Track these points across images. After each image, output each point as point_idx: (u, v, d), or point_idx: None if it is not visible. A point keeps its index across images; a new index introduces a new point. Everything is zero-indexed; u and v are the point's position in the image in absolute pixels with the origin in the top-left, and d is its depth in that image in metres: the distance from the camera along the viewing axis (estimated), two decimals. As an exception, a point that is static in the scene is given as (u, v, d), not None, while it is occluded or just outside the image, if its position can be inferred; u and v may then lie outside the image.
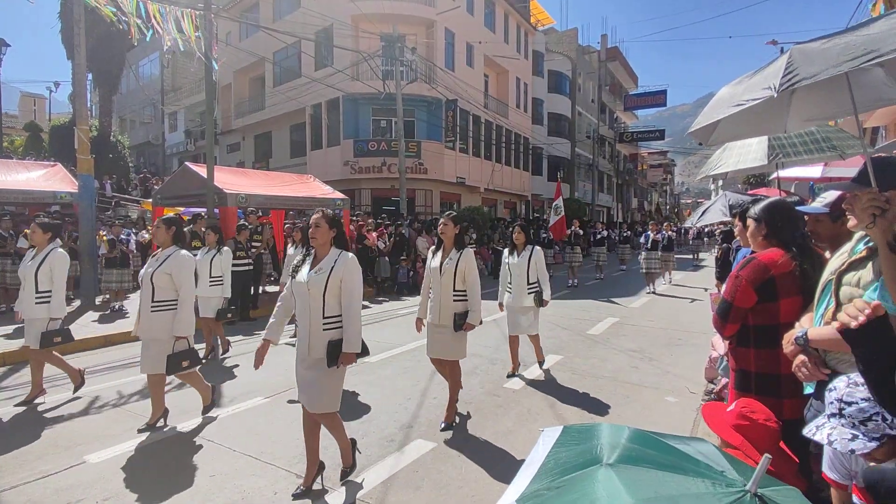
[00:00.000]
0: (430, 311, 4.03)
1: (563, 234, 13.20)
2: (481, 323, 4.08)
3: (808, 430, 1.43)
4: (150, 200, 12.22)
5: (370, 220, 13.69)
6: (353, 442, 3.26)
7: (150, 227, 11.72)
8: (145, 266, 3.96)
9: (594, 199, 34.03)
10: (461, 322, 3.87)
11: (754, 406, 1.77)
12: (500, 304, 5.48)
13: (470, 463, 3.43)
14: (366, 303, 10.64)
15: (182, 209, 12.17)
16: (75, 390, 4.74)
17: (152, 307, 3.82)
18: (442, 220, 4.04)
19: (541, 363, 5.60)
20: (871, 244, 1.69)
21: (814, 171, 6.56)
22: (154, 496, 3.03)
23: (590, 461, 1.06)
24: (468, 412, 4.29)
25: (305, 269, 3.02)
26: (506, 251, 5.47)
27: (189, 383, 4.21)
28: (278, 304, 3.16)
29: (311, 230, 2.98)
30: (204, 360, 5.66)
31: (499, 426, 4.07)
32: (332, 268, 2.92)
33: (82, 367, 4.95)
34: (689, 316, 8.99)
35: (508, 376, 5.31)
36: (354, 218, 13.43)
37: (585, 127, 35.33)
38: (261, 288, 9.57)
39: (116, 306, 9.06)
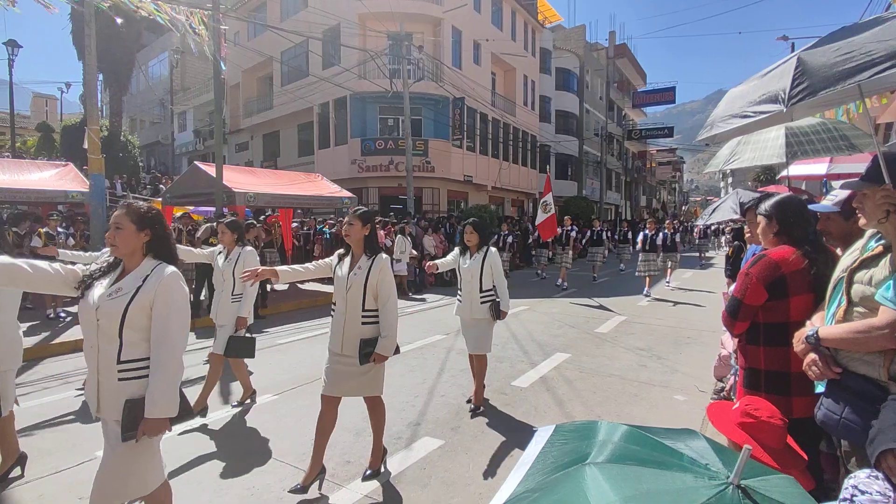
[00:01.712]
0: (331, 335, 3.13)
1: (552, 232, 12.07)
2: (398, 352, 3.26)
3: None
4: (160, 199, 12.34)
5: (380, 219, 13.75)
6: None
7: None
8: None
9: (602, 197, 33.85)
10: (368, 351, 2.95)
11: (758, 403, 1.75)
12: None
13: (477, 461, 3.44)
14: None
15: (191, 208, 12.29)
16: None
17: None
18: (347, 219, 3.11)
19: (475, 408, 4.34)
20: (883, 241, 1.67)
21: (819, 167, 6.45)
22: (164, 492, 3.06)
23: (576, 460, 1.06)
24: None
25: (100, 286, 2.06)
26: (456, 251, 4.57)
27: None
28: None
29: (108, 233, 2.07)
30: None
31: (506, 424, 4.07)
32: (139, 289, 2.01)
33: None
34: (698, 314, 8.92)
35: (468, 401, 4.47)
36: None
37: (593, 124, 35.15)
38: (269, 286, 9.61)
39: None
